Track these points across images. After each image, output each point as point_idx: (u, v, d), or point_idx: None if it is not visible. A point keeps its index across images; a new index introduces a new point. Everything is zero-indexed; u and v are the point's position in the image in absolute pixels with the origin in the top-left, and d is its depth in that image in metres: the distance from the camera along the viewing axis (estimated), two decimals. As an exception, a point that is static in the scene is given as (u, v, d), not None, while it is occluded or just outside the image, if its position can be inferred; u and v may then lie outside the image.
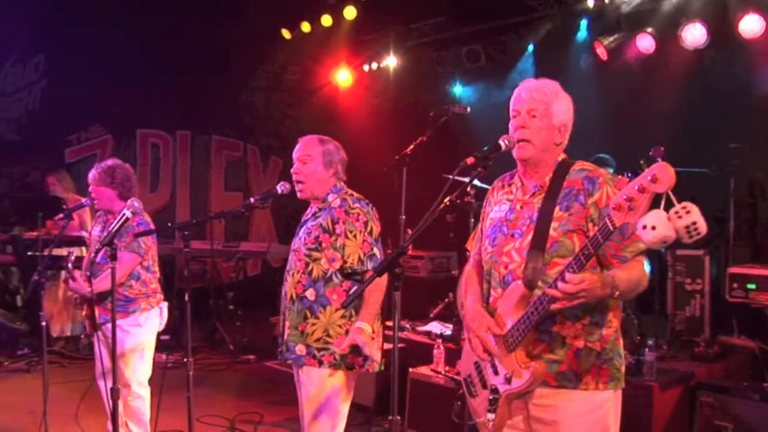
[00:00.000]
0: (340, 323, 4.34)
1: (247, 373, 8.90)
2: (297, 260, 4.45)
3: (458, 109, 7.09)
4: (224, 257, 11.38)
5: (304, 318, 4.37)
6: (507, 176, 3.57)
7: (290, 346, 4.42)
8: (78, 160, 12.20)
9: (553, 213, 3.22)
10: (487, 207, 3.62)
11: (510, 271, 3.31)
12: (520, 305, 3.19)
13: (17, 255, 9.47)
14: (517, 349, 3.21)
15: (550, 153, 3.35)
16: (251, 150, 14.03)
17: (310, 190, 4.53)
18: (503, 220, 3.42)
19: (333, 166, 4.52)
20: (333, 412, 4.35)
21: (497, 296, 3.37)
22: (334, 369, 4.33)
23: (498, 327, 3.28)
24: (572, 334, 3.21)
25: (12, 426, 6.64)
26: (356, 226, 4.35)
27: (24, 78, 11.81)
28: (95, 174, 5.69)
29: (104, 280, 5.32)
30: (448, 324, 7.17)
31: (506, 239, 3.36)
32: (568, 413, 3.22)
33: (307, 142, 4.59)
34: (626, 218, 2.71)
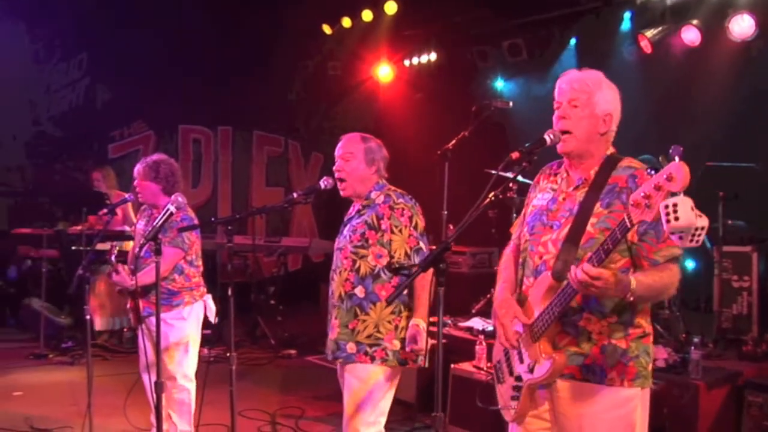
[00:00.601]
0: (390, 319, 4.33)
1: (289, 368, 8.92)
2: (343, 258, 4.43)
3: (500, 103, 7.01)
4: (266, 252, 11.41)
5: (354, 315, 4.36)
6: (555, 164, 3.53)
7: (341, 345, 4.40)
8: (121, 156, 12.30)
9: (593, 208, 3.18)
10: (532, 193, 3.60)
11: (544, 262, 3.29)
12: (548, 296, 3.19)
13: (62, 250, 9.56)
14: (541, 339, 3.21)
15: (595, 144, 3.30)
16: (292, 145, 14.07)
17: (353, 188, 4.51)
18: (544, 209, 3.40)
19: (375, 164, 4.51)
20: (375, 407, 4.33)
21: (529, 285, 3.35)
22: (386, 365, 4.32)
23: (526, 316, 3.28)
24: (597, 330, 3.19)
25: (57, 418, 6.71)
26: (401, 221, 4.34)
27: (68, 75, 11.94)
28: (140, 168, 5.73)
29: (147, 274, 5.34)
30: (489, 320, 7.14)
31: (544, 229, 3.34)
32: (592, 408, 3.19)
33: (350, 140, 4.57)
34: (642, 215, 2.69)
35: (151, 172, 5.68)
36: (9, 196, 11.57)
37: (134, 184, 5.79)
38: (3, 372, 8.39)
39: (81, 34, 11.68)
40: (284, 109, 13.20)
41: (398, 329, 4.33)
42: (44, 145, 11.79)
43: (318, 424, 6.67)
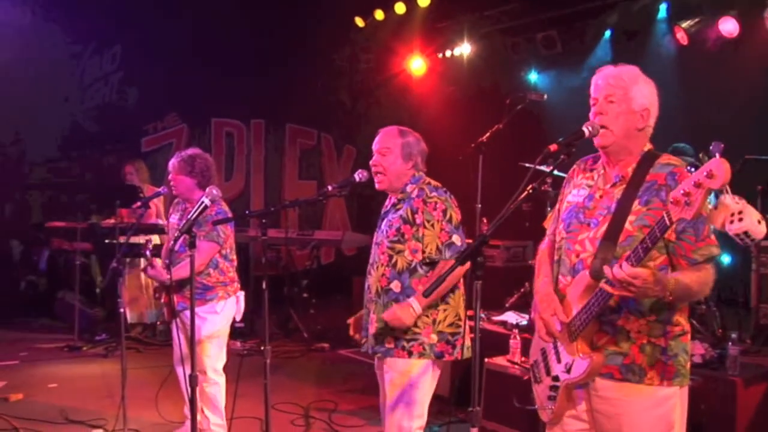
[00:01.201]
0: (427, 313, 4.28)
1: (321, 361, 8.92)
2: (380, 253, 4.40)
3: (535, 95, 6.98)
4: (299, 245, 11.41)
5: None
6: (590, 159, 3.48)
7: (378, 339, 4.39)
8: (154, 150, 12.36)
9: (631, 206, 3.13)
10: (566, 188, 3.54)
11: (581, 260, 3.26)
12: (586, 295, 3.15)
13: (95, 243, 9.62)
14: (579, 339, 3.18)
15: (633, 140, 3.25)
16: (325, 138, 14.08)
17: (389, 182, 4.46)
18: (581, 206, 3.35)
19: (412, 159, 4.44)
20: (416, 402, 4.31)
21: (566, 283, 3.32)
22: (423, 359, 4.29)
23: (564, 314, 3.25)
24: (636, 329, 3.15)
25: (92, 409, 6.74)
26: (434, 215, 4.28)
27: (101, 69, 12.01)
28: (175, 162, 5.74)
29: (183, 268, 5.37)
30: (524, 314, 7.09)
31: (581, 227, 3.30)
32: (631, 407, 3.16)
33: (387, 134, 4.51)
34: (682, 213, 2.65)
35: (186, 167, 5.70)
36: (43, 190, 11.67)
37: (169, 178, 5.81)
38: (38, 364, 8.46)
39: (114, 27, 11.73)
40: (317, 102, 13.20)
41: (435, 323, 4.29)
42: (78, 139, 11.86)
43: (351, 418, 6.66)
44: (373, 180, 4.56)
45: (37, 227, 10.89)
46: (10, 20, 10.76)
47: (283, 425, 6.36)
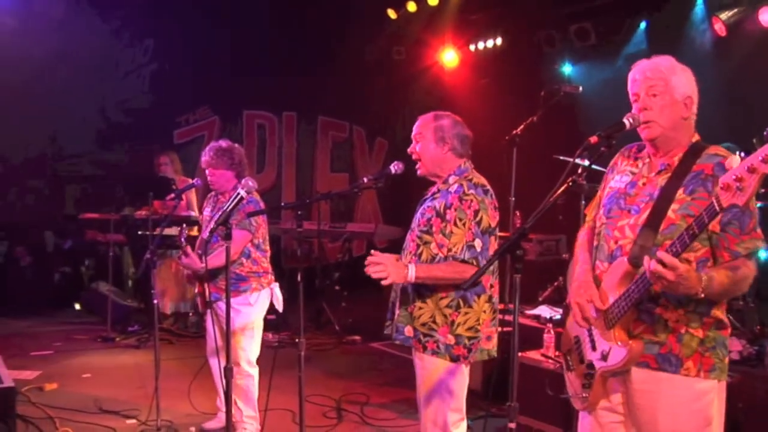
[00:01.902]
0: (447, 312, 4.20)
1: (353, 354, 8.92)
2: (411, 240, 4.35)
3: (570, 88, 6.94)
4: (330, 238, 11.41)
5: (413, 299, 4.27)
6: (635, 147, 3.44)
7: (399, 327, 4.35)
8: (186, 142, 12.40)
9: (675, 194, 3.09)
10: (609, 174, 3.50)
11: (619, 246, 3.22)
12: (624, 282, 3.11)
13: (128, 235, 9.67)
14: (616, 326, 3.14)
15: (680, 130, 3.21)
16: (357, 131, 14.07)
17: (426, 168, 4.36)
18: (622, 192, 3.32)
19: (447, 142, 4.31)
20: (450, 396, 4.27)
21: (603, 270, 3.29)
22: (436, 357, 4.22)
23: (600, 301, 3.21)
24: (674, 319, 3.10)
25: (125, 400, 6.78)
26: (467, 213, 4.14)
27: (134, 62, 12.07)
28: (213, 156, 5.74)
29: (217, 257, 5.36)
30: (557, 308, 7.04)
31: (622, 213, 3.27)
32: (669, 400, 3.12)
33: (422, 119, 4.43)
34: (733, 199, 2.58)
35: (227, 159, 5.72)
36: (77, 182, 11.75)
37: (207, 172, 5.80)
38: (73, 354, 8.53)
39: (147, 20, 11.78)
40: (349, 94, 13.16)
41: (454, 324, 4.19)
42: (111, 131, 11.93)
43: (383, 411, 6.65)
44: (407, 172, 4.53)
45: (71, 219, 10.97)
46: (44, 13, 10.83)
47: (315, 417, 6.36)
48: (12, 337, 9.23)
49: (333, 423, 6.39)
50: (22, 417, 5.98)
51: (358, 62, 13.07)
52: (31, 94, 10.73)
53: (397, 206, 13.71)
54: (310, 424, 5.62)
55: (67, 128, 11.44)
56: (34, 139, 11.37)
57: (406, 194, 13.01)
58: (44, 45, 10.70)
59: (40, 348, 8.72)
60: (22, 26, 10.53)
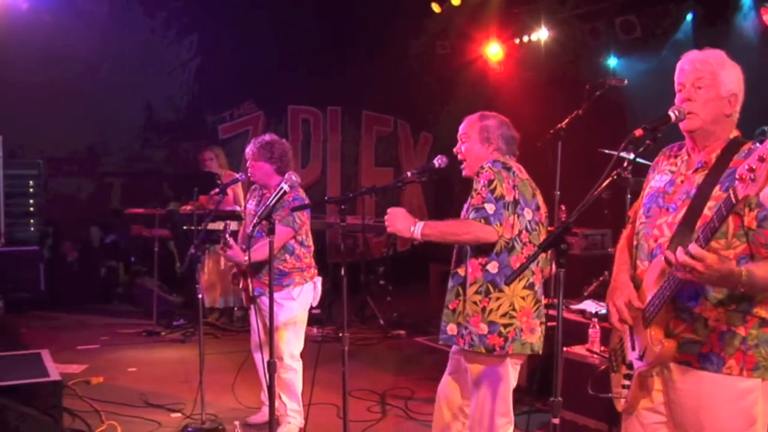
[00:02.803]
0: (476, 299, 4.17)
1: (397, 349, 8.91)
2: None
3: (615, 81, 6.87)
4: (375, 232, 11.41)
5: (455, 295, 4.26)
6: (676, 146, 3.40)
7: (442, 326, 4.33)
8: (231, 137, 12.46)
9: (711, 192, 3.03)
10: (651, 174, 3.45)
11: (659, 245, 3.18)
12: (660, 280, 3.07)
13: (173, 230, 9.74)
14: (652, 325, 3.10)
15: (721, 125, 3.15)
16: (401, 125, 14.04)
17: (471, 168, 4.35)
18: (661, 191, 3.28)
19: (492, 142, 4.31)
20: (491, 400, 4.24)
21: (643, 268, 3.25)
22: (472, 350, 4.18)
23: (639, 300, 3.17)
24: (714, 317, 3.04)
25: (170, 394, 6.84)
26: (479, 185, 4.12)
27: (178, 57, 12.12)
28: (253, 149, 5.77)
29: (259, 250, 5.39)
30: (602, 303, 6.97)
31: (660, 212, 3.23)
32: (711, 400, 3.06)
33: (468, 120, 4.42)
34: (747, 189, 2.52)
35: (265, 153, 5.73)
36: (123, 178, 11.86)
37: (247, 165, 5.83)
38: (118, 348, 8.62)
39: (191, 15, 11.85)
40: (393, 89, 13.14)
41: (486, 311, 4.14)
42: (156, 127, 12.04)
43: (427, 405, 6.61)
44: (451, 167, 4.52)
45: (117, 214, 11.09)
46: (88, 10, 10.94)
47: (359, 412, 6.36)
48: (59, 331, 9.35)
49: (377, 417, 6.39)
50: (68, 410, 6.06)
51: (403, 57, 13.04)
52: (77, 91, 10.84)
53: (442, 201, 13.70)
54: (354, 419, 5.62)
55: (113, 124, 11.52)
56: (80, 136, 11.49)
57: (450, 189, 13.04)
58: (89, 43, 10.81)
59: (87, 342, 8.82)
60: (67, 25, 10.62)
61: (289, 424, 5.85)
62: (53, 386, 5.47)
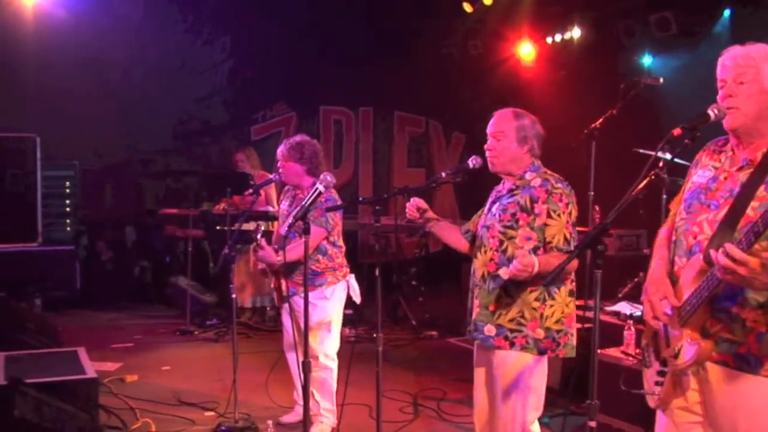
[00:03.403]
0: (535, 305, 4.19)
1: (429, 349, 8.90)
2: (490, 237, 4.30)
3: (650, 80, 6.82)
4: (407, 233, 11.40)
5: (496, 297, 4.24)
6: (721, 140, 3.32)
7: (479, 326, 4.32)
8: (263, 138, 12.51)
9: (756, 191, 2.97)
10: (693, 169, 3.39)
11: (698, 242, 3.11)
12: (698, 279, 3.01)
13: (207, 230, 9.79)
14: (688, 324, 3.06)
15: (765, 122, 3.07)
16: (433, 125, 14.03)
17: (503, 166, 4.34)
18: (703, 187, 3.21)
19: (528, 142, 4.30)
20: (528, 395, 4.24)
21: (681, 265, 3.20)
22: (525, 352, 4.20)
23: (675, 298, 3.12)
24: (752, 318, 2.98)
25: (203, 392, 6.87)
26: (559, 206, 4.15)
27: (211, 59, 12.22)
28: (284, 149, 5.79)
29: (293, 251, 5.42)
30: (637, 304, 6.91)
31: (702, 208, 3.16)
32: (748, 402, 3.00)
33: (501, 117, 4.39)
34: None
35: (295, 153, 5.74)
36: (157, 178, 11.95)
37: (278, 165, 5.85)
38: (153, 347, 8.68)
39: (224, 17, 11.93)
40: (425, 89, 13.14)
41: (543, 317, 4.19)
42: (190, 128, 12.12)
43: (459, 407, 6.61)
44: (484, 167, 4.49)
45: (151, 214, 11.19)
46: (123, 14, 11.05)
47: (391, 412, 6.35)
48: (94, 330, 9.44)
49: (409, 418, 6.39)
50: (104, 407, 6.10)
51: (435, 57, 13.02)
52: (113, 93, 10.98)
53: (474, 201, 13.58)
54: (387, 419, 5.60)
55: (147, 126, 11.63)
56: (115, 137, 11.60)
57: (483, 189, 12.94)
58: (124, 46, 10.96)
59: (121, 340, 8.90)
60: (103, 29, 10.76)
61: (322, 424, 5.86)
62: (90, 383, 5.54)
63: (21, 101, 10.57)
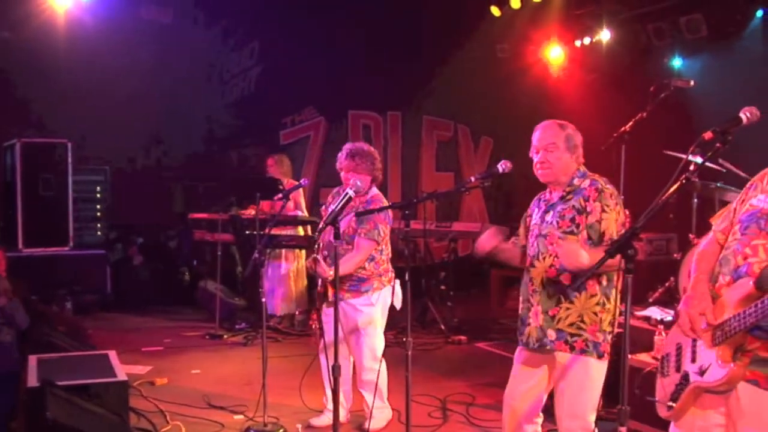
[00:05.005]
0: (596, 310, 4.25)
1: (458, 354, 8.86)
2: (549, 244, 4.33)
3: (680, 82, 6.76)
4: (436, 237, 11.39)
5: (556, 302, 4.29)
6: None
7: (543, 331, 4.34)
8: (292, 142, 12.54)
9: None
10: (752, 191, 3.26)
11: (747, 264, 3.03)
12: (744, 303, 2.94)
13: (236, 234, 9.83)
14: (723, 344, 3.00)
15: None
16: (462, 129, 13.99)
17: (555, 176, 4.40)
18: (765, 213, 3.10)
19: (576, 150, 4.39)
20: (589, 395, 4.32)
21: (724, 283, 3.12)
22: (585, 356, 4.26)
23: (713, 315, 3.06)
24: None
25: (232, 396, 6.90)
26: (611, 202, 4.25)
27: (240, 64, 12.29)
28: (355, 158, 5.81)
29: (343, 265, 5.46)
30: (668, 309, 6.86)
31: (759, 233, 3.07)
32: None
33: (549, 129, 4.43)
34: None
35: (369, 164, 5.84)
36: (186, 182, 12.02)
37: (345, 177, 5.81)
38: (182, 350, 8.72)
39: (253, 23, 11.99)
40: (453, 93, 13.13)
41: (602, 322, 4.26)
42: (218, 133, 12.19)
43: (488, 412, 6.58)
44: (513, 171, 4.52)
45: (180, 218, 11.25)
46: (153, 20, 11.13)
47: (420, 417, 6.33)
48: (124, 333, 9.50)
49: (438, 423, 6.36)
50: (134, 410, 6.16)
51: (463, 61, 12.99)
52: (142, 99, 11.01)
53: (503, 205, 13.64)
54: (416, 424, 5.60)
55: (177, 131, 11.73)
56: (145, 143, 11.74)
57: (512, 193, 12.97)
58: (153, 52, 11.04)
59: (151, 344, 8.94)
60: (132, 35, 10.85)
61: (375, 419, 5.98)
62: (120, 386, 5.59)
63: (53, 107, 10.69)
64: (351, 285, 5.77)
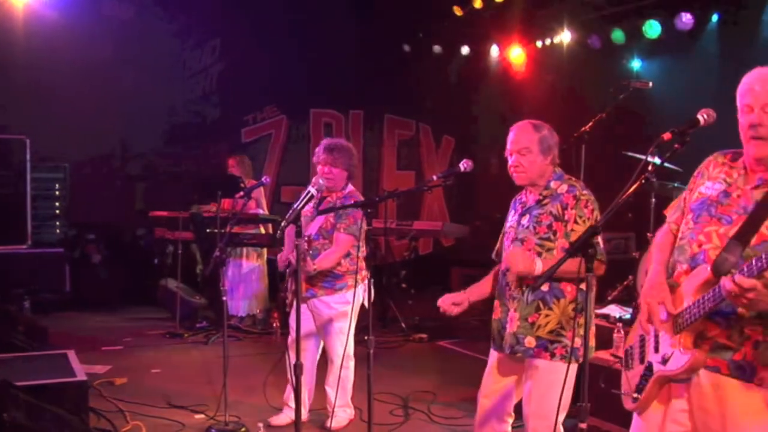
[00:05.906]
0: (573, 315, 4.22)
1: (420, 352, 8.90)
2: (527, 250, 4.28)
3: (639, 84, 6.84)
4: (397, 236, 11.43)
5: (536, 309, 4.26)
6: (730, 154, 3.26)
7: (519, 338, 4.31)
8: (254, 140, 12.52)
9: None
10: (699, 179, 3.33)
11: (703, 251, 3.09)
12: (702, 289, 2.99)
13: (196, 232, 9.78)
14: (684, 332, 3.05)
15: None
16: (423, 128, 14.04)
17: (529, 179, 4.34)
18: (713, 200, 3.17)
19: (551, 152, 4.32)
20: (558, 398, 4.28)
21: (681, 271, 3.18)
22: (565, 362, 4.20)
23: (673, 305, 3.10)
24: (750, 326, 2.97)
25: (193, 395, 6.86)
26: (585, 212, 4.19)
27: (201, 62, 12.25)
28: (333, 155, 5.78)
29: (325, 260, 5.61)
30: (626, 307, 6.93)
31: (711, 221, 3.13)
32: (739, 409, 3.00)
33: (522, 132, 4.36)
34: None
35: (346, 159, 5.82)
36: (146, 180, 11.94)
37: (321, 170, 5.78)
38: (142, 349, 8.66)
39: (214, 20, 11.95)
40: (415, 92, 13.18)
41: (578, 326, 4.19)
42: (179, 131, 12.13)
43: (450, 409, 6.62)
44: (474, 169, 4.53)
45: (140, 216, 11.18)
46: (113, 16, 11.06)
47: (382, 415, 6.34)
48: (84, 333, 9.41)
49: (400, 421, 6.38)
50: (94, 410, 6.09)
51: (424, 60, 13.05)
52: (102, 96, 10.94)
53: (463, 204, 13.68)
54: (378, 422, 5.60)
55: (137, 128, 11.64)
56: (105, 140, 11.61)
57: (472, 192, 13.02)
58: (114, 48, 10.96)
59: (111, 343, 8.88)
60: (92, 31, 10.77)
61: (338, 417, 6.03)
62: (80, 386, 5.53)
63: (10, 102, 10.54)
64: (326, 282, 5.76)
